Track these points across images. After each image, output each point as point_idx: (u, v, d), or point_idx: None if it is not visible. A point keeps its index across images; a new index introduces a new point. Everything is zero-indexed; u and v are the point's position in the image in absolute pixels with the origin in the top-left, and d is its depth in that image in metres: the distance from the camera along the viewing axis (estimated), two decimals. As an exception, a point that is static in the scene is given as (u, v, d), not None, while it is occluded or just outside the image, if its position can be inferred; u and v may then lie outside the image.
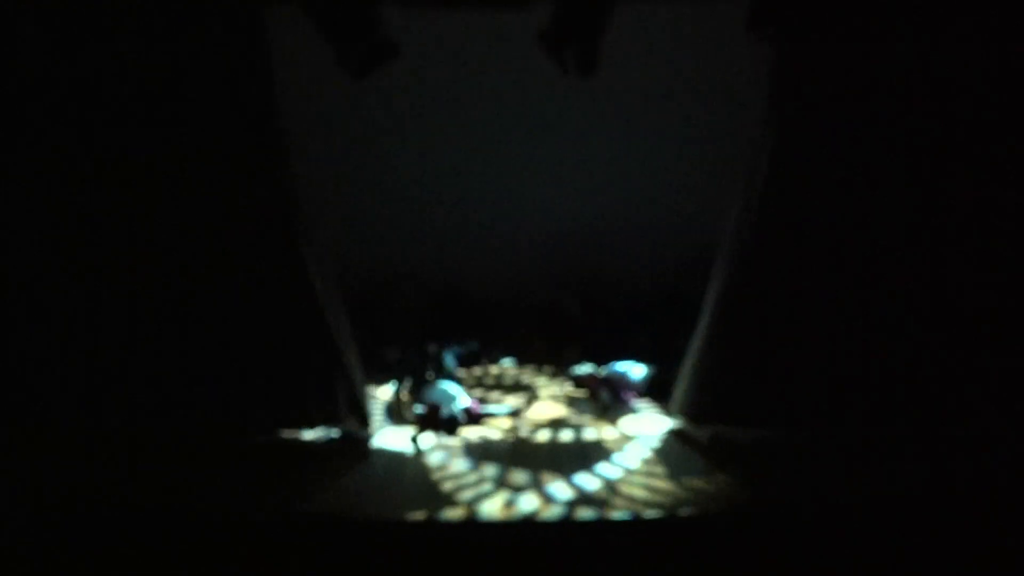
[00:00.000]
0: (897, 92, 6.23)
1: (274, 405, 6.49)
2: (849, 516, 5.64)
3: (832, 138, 6.35)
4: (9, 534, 5.48)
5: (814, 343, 6.36)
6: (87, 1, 6.09)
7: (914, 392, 6.28)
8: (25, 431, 6.27)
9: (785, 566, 5.59)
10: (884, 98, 6.25)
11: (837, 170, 6.36)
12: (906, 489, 5.86)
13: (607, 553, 5.66)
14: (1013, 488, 5.77)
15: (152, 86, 6.23)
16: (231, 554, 5.62)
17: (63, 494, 5.74)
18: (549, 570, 5.67)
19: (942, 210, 6.29)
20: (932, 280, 6.30)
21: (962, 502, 5.67)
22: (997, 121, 6.20)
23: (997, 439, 6.10)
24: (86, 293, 6.35)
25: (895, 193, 6.31)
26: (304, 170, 10.04)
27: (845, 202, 6.36)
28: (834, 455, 6.23)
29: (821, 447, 6.33)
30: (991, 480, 5.84)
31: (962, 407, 6.25)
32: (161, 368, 6.36)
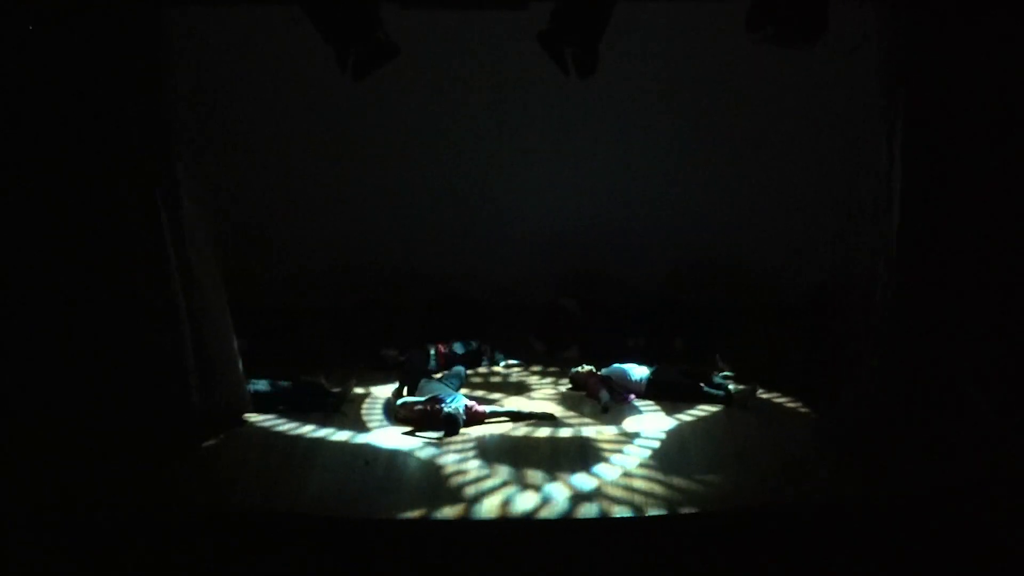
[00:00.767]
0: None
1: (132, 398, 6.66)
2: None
3: (967, 130, 6.18)
4: None
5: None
6: None
7: None
8: None
9: (784, 566, 5.61)
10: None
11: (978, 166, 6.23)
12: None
13: (606, 551, 5.66)
14: None
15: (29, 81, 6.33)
16: (231, 553, 5.65)
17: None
18: (549, 568, 5.67)
19: None
20: None
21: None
22: None
23: None
24: None
25: None
26: (304, 171, 10.13)
27: (991, 198, 6.27)
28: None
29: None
30: None
31: None
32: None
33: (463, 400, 7.26)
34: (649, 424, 7.20)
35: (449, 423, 6.92)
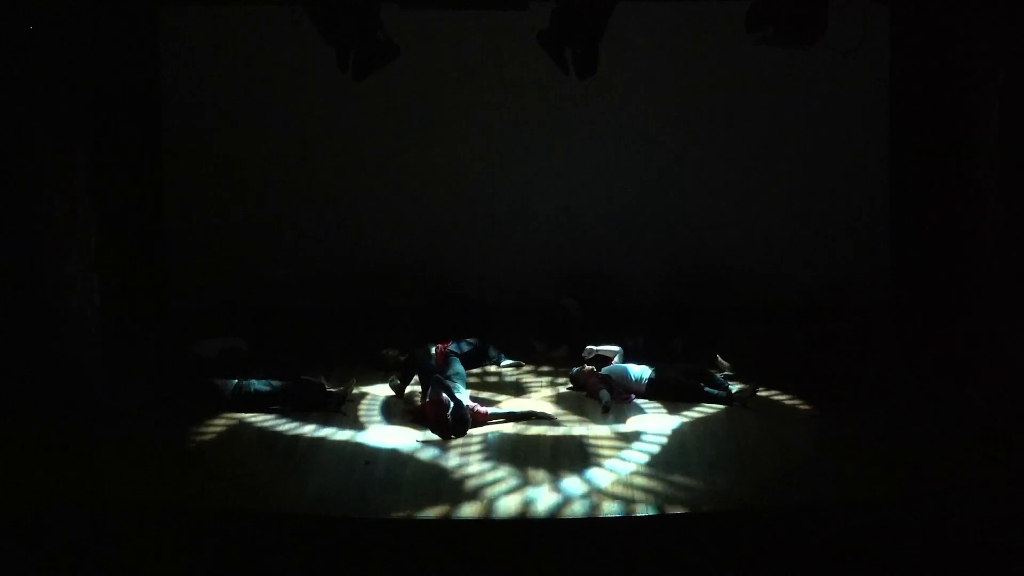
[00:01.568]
0: None
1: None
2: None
3: None
4: None
5: None
6: None
7: None
8: None
9: (784, 566, 5.61)
10: None
11: None
12: None
13: (607, 551, 5.66)
14: None
15: None
16: (230, 553, 5.65)
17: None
18: (549, 567, 5.67)
19: None
20: None
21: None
22: None
23: None
24: None
25: None
26: (304, 171, 10.13)
27: None
28: None
29: None
30: None
31: None
32: None
33: (466, 400, 7.22)
34: (649, 424, 7.19)
35: (458, 422, 6.89)
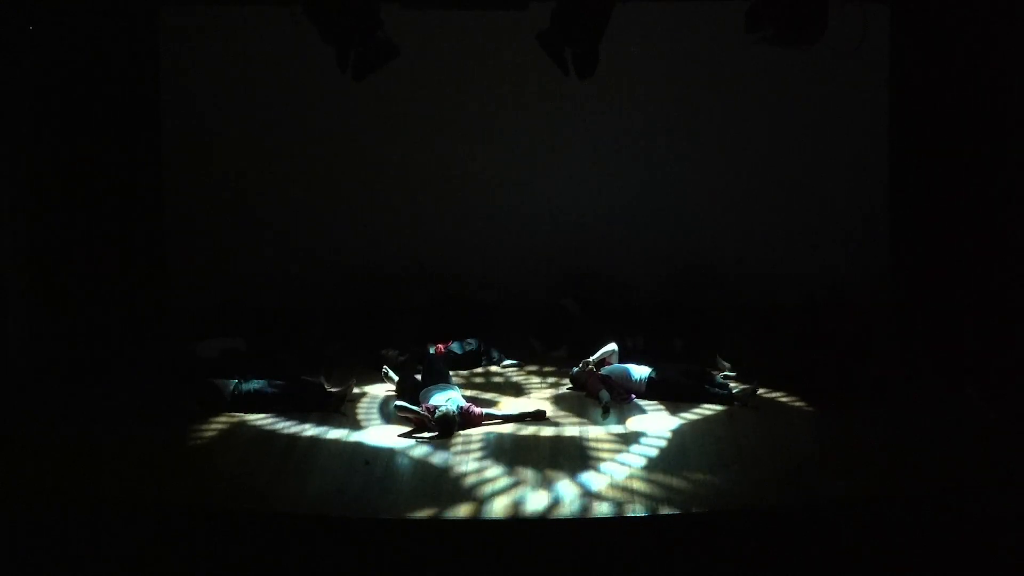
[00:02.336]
0: None
1: None
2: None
3: None
4: None
5: None
6: None
7: None
8: None
9: (784, 566, 5.61)
10: None
11: None
12: None
13: (606, 551, 5.66)
14: None
15: None
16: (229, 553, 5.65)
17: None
18: (549, 567, 5.66)
19: None
20: None
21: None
22: None
23: None
24: None
25: None
26: (304, 171, 10.13)
27: None
28: None
29: None
30: None
31: None
32: None
33: (459, 401, 7.20)
34: (649, 424, 7.19)
35: (443, 425, 6.87)
